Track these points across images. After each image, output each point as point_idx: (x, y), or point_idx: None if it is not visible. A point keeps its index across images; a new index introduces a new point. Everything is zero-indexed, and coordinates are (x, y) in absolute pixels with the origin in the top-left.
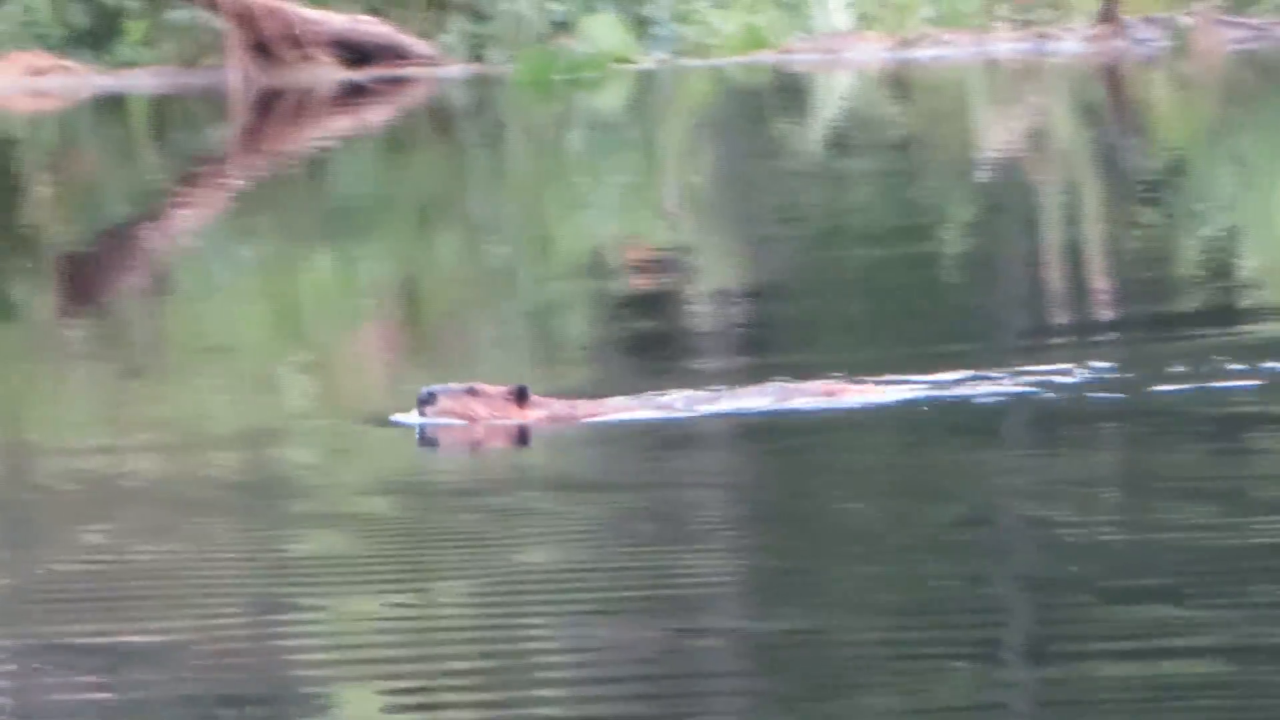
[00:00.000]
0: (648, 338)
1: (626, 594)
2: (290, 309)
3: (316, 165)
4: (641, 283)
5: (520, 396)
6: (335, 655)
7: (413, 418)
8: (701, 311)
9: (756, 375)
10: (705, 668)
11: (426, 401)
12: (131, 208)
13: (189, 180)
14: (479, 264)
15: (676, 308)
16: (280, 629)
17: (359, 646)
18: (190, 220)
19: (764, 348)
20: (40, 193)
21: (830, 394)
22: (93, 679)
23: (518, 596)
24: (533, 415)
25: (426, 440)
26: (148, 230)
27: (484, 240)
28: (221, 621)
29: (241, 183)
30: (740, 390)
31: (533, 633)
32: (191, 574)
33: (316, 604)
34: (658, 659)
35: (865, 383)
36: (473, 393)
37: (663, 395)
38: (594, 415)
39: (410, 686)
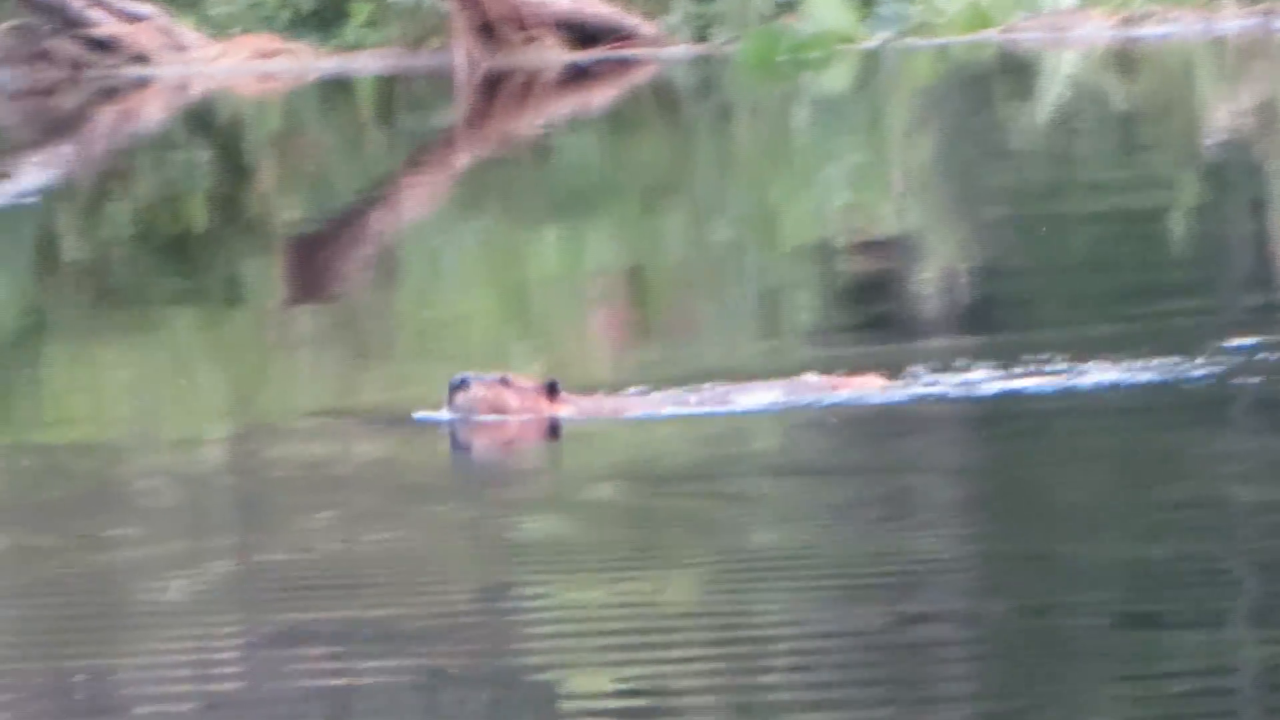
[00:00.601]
0: (875, 318)
1: (855, 577)
2: (517, 291)
3: (542, 147)
4: (868, 263)
5: (551, 391)
6: (564, 639)
7: (440, 413)
8: (928, 291)
9: (983, 354)
10: (934, 649)
11: (459, 387)
12: (359, 191)
13: (415, 163)
14: (705, 245)
15: (903, 288)
16: (509, 613)
17: (588, 631)
18: (417, 203)
19: (990, 327)
20: (267, 176)
21: (836, 388)
22: (325, 663)
23: (746, 580)
24: (562, 410)
25: (455, 437)
26: (375, 213)
27: (710, 221)
28: (451, 606)
29: (467, 165)
30: (750, 385)
31: (761, 616)
32: (421, 558)
33: (545, 588)
34: (886, 641)
35: (868, 376)
36: (505, 383)
37: (685, 391)
38: (619, 412)
39: (639, 670)
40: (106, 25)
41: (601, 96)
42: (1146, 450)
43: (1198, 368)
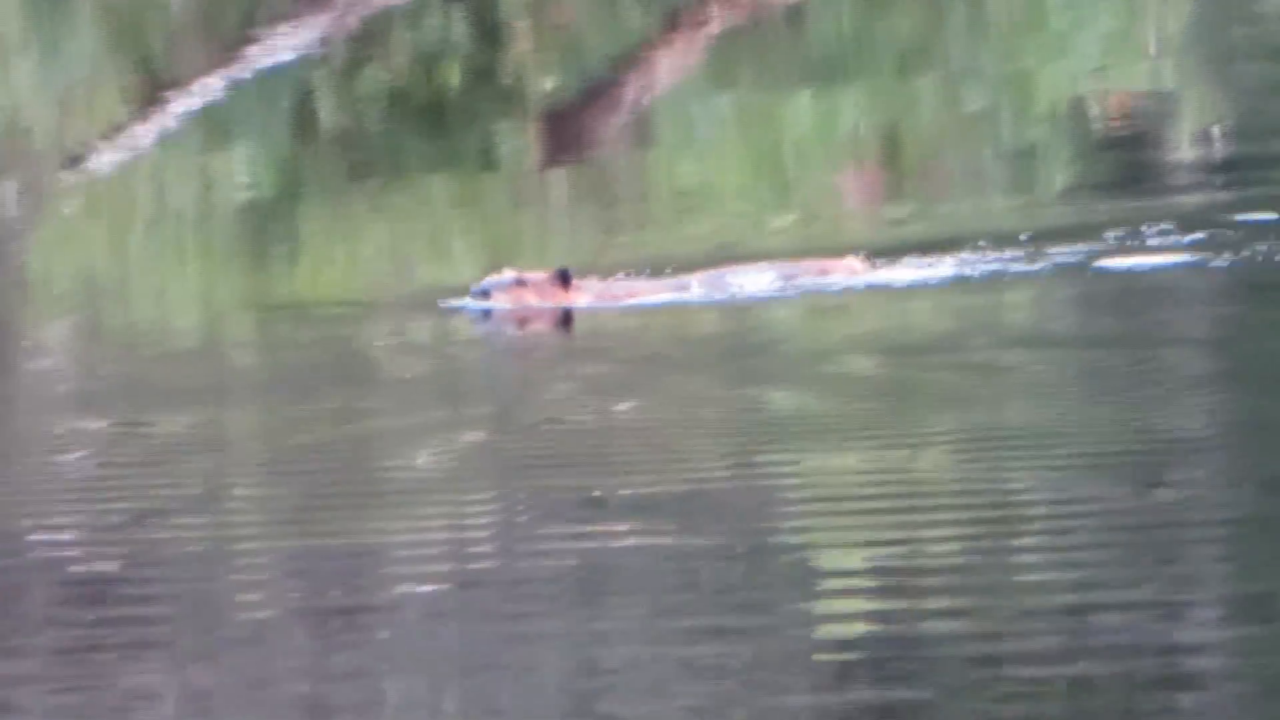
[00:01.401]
0: (1127, 179)
1: (1106, 449)
2: (770, 155)
3: (795, 12)
4: (1121, 125)
5: (563, 279)
6: (816, 509)
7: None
8: (1181, 152)
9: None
10: (1186, 526)
11: (481, 295)
12: (612, 57)
13: (669, 28)
14: (957, 109)
15: (1155, 149)
16: (761, 484)
17: (839, 500)
18: (670, 69)
19: (1241, 185)
20: (522, 42)
21: (824, 272)
22: (576, 529)
23: (997, 452)
24: (576, 297)
25: (482, 324)
26: (629, 80)
27: (963, 85)
28: (703, 476)
29: (720, 31)
30: (744, 269)
31: (1011, 487)
32: (669, 430)
33: (795, 460)
34: (1136, 514)
35: (852, 260)
36: (520, 283)
37: (682, 276)
38: (631, 296)
39: (891, 540)
40: None
41: None
42: None
43: None
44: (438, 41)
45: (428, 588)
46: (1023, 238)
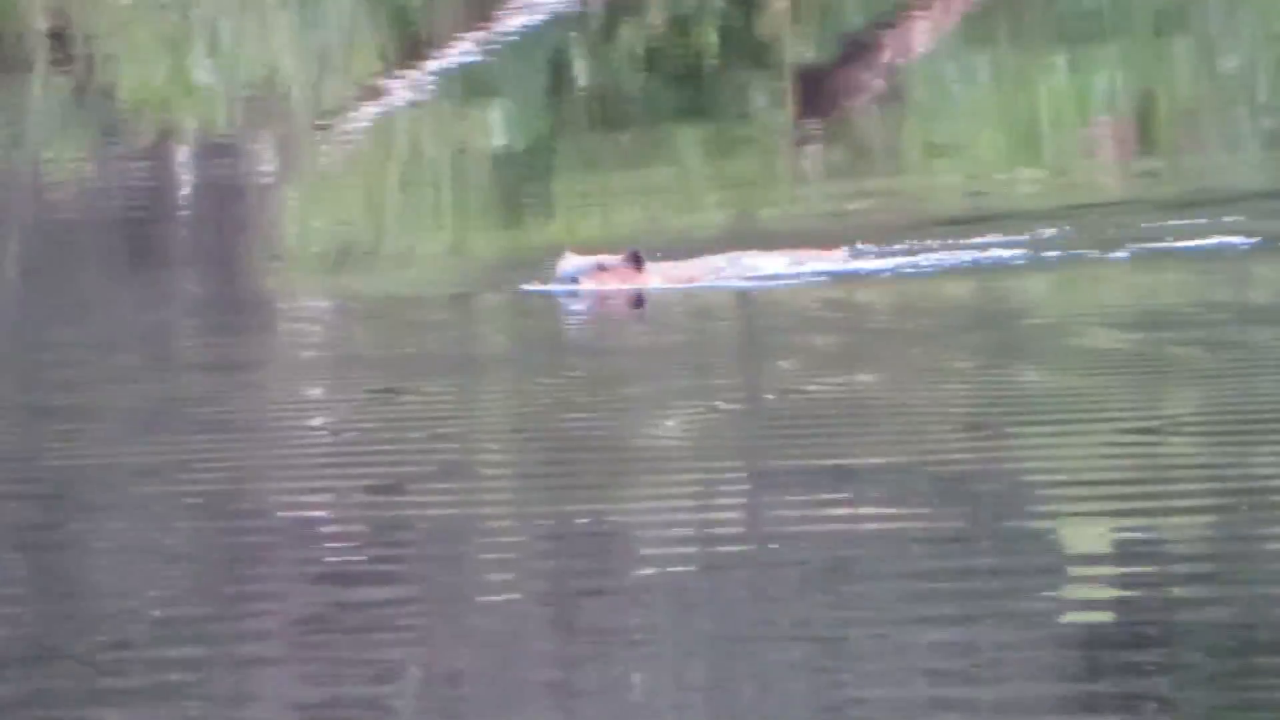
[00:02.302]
0: None
1: None
2: (1025, 114)
3: None
4: None
5: (636, 261)
6: (1063, 487)
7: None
8: None
9: None
10: None
11: (570, 279)
12: (869, 19)
13: None
14: (1212, 71)
15: None
16: (1008, 459)
17: (1088, 479)
18: (927, 32)
19: None
20: (778, 4)
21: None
22: (823, 498)
23: (1248, 430)
24: (649, 279)
25: (570, 307)
26: (884, 42)
27: (1219, 49)
28: (947, 450)
29: None
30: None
31: (1264, 469)
32: (916, 402)
33: (1045, 435)
34: None
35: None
36: (601, 267)
37: (745, 256)
38: (691, 279)
39: (1139, 521)
40: None
41: None
42: None
43: None
44: (695, 2)
45: (676, 569)
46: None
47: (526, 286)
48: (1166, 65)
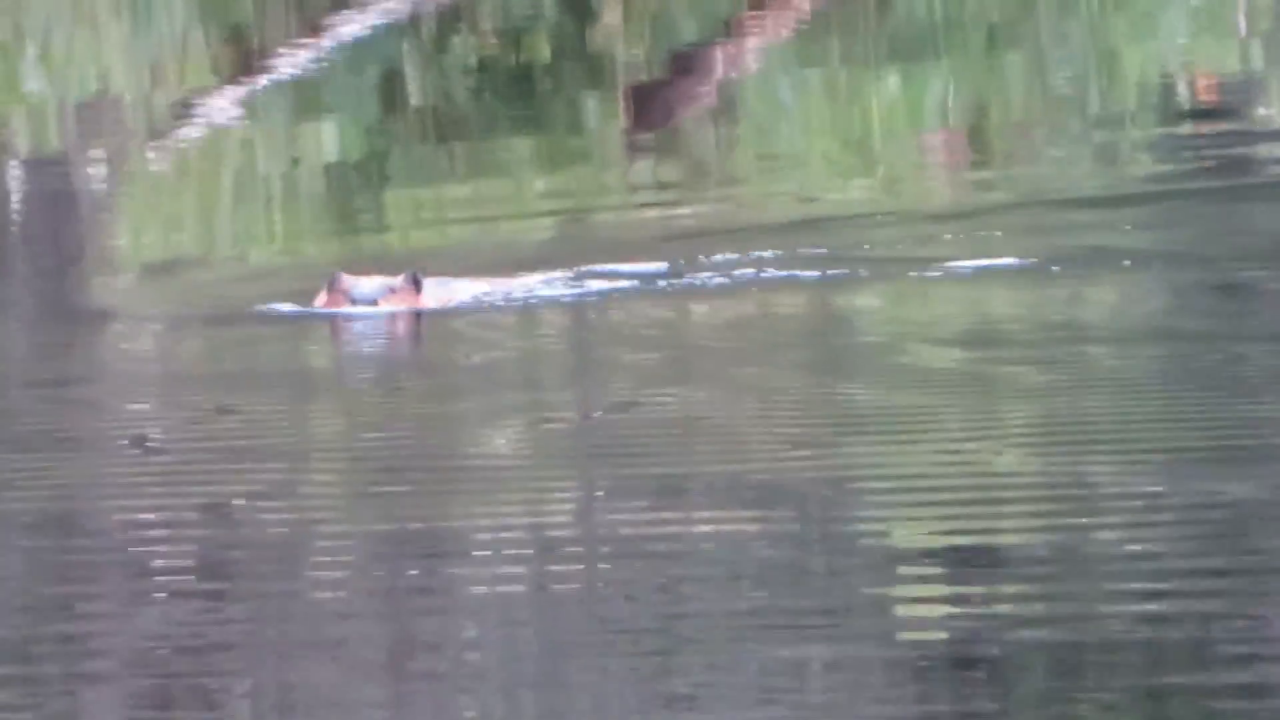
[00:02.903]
0: (1211, 161)
1: (1191, 443)
2: (857, 125)
3: None
4: (1209, 105)
5: (415, 283)
6: (895, 501)
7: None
8: (1268, 135)
9: None
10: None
11: (368, 301)
12: (700, 33)
13: (757, 4)
14: (1046, 87)
15: (1243, 133)
16: (838, 473)
17: (920, 492)
18: (758, 46)
19: None
20: (610, 17)
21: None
22: (656, 520)
23: (1079, 445)
24: (425, 300)
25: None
26: (716, 55)
27: (1051, 62)
28: (778, 465)
29: (808, 6)
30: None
31: (1095, 479)
32: (736, 418)
33: (873, 450)
34: (1225, 507)
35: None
36: (392, 289)
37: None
38: (450, 298)
39: (970, 530)
40: None
41: None
42: None
43: None
44: (526, 13)
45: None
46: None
47: (298, 307)
48: (998, 79)
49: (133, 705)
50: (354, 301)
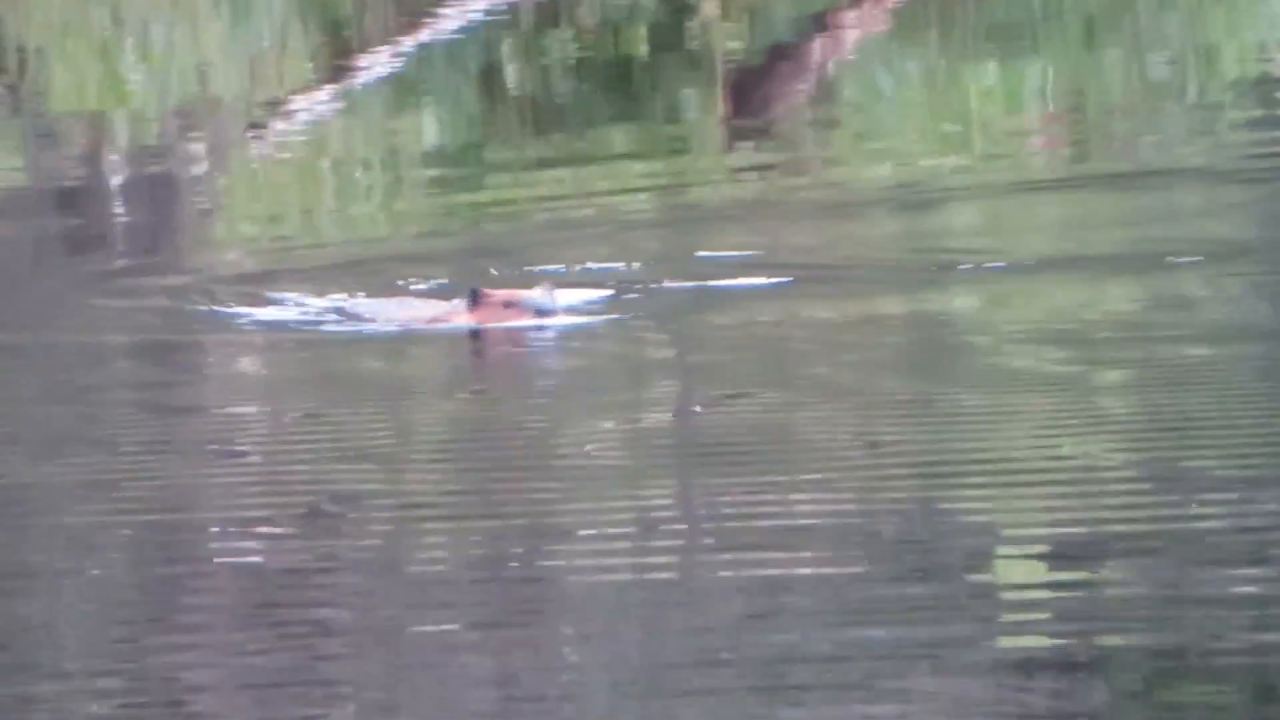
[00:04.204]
0: None
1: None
2: (955, 110)
3: None
4: None
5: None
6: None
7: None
8: None
9: None
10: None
11: (549, 314)
12: (798, 23)
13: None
14: (1143, 74)
15: None
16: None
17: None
18: (856, 35)
19: None
20: (708, 9)
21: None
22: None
23: (1180, 445)
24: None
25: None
26: (814, 45)
27: (1149, 52)
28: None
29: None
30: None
31: (1194, 482)
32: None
33: (979, 445)
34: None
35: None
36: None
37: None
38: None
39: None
40: None
41: None
42: None
43: None
44: (626, 5)
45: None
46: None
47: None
48: (1096, 70)
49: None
50: (540, 314)
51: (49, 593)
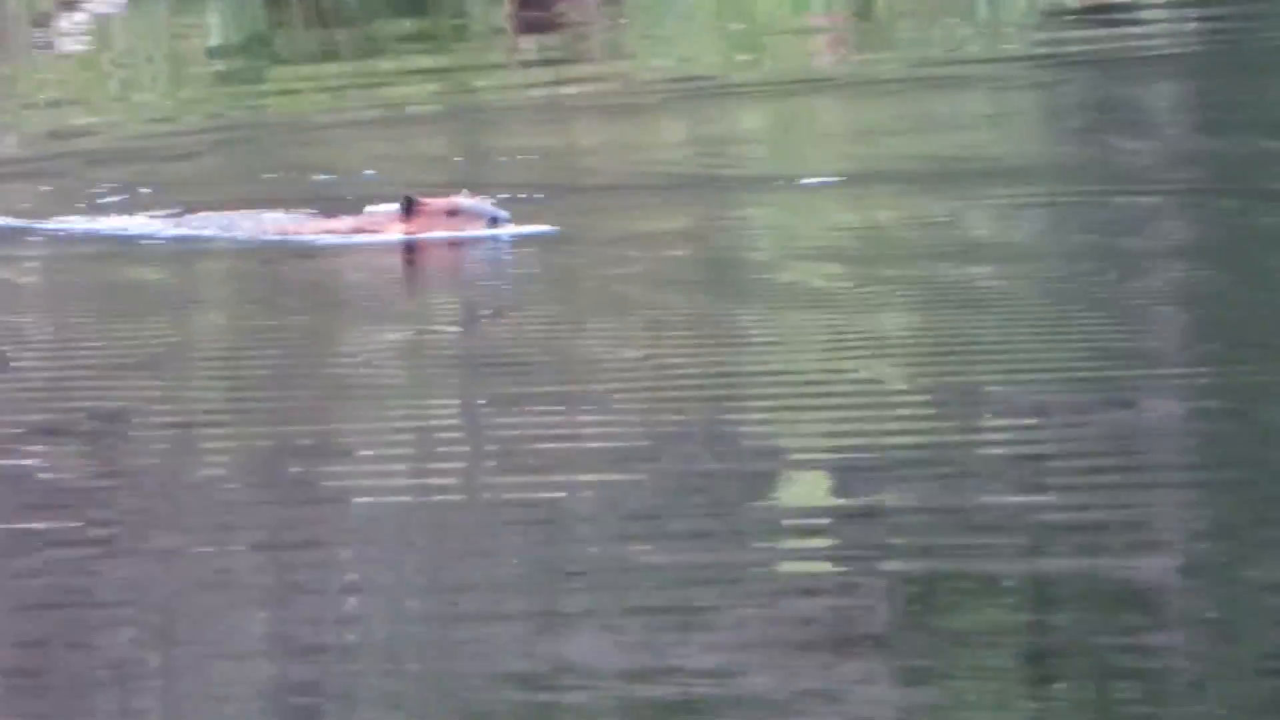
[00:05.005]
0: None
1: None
2: (741, 11)
3: None
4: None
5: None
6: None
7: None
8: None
9: None
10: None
11: (501, 222)
12: None
13: None
14: None
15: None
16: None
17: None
18: None
19: None
20: None
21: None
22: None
23: (962, 366)
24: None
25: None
26: None
27: None
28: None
29: None
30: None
31: (977, 404)
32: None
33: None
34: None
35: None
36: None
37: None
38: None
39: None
40: None
41: None
42: None
43: None
44: None
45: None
46: None
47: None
48: None
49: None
50: (494, 222)
51: None
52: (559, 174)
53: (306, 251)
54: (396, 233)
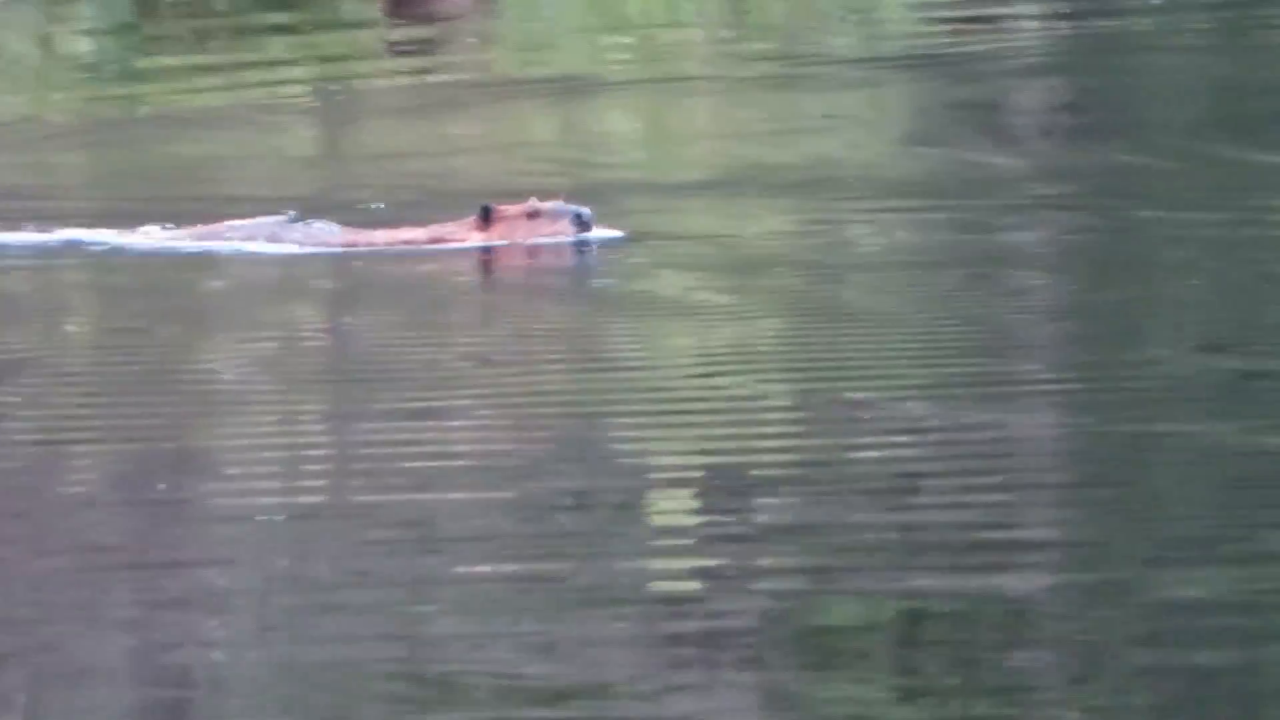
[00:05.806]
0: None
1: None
2: (617, 13)
3: None
4: None
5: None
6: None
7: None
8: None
9: None
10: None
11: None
12: None
13: None
14: None
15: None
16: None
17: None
18: None
19: None
20: None
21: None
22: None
23: (834, 378)
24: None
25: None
26: None
27: None
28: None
29: None
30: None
31: (848, 418)
32: None
33: (631, 384)
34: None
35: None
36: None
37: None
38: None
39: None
40: None
41: None
42: None
43: None
44: None
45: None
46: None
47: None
48: None
49: None
50: (585, 226)
51: None
52: (430, 179)
53: (383, 259)
54: (475, 240)
